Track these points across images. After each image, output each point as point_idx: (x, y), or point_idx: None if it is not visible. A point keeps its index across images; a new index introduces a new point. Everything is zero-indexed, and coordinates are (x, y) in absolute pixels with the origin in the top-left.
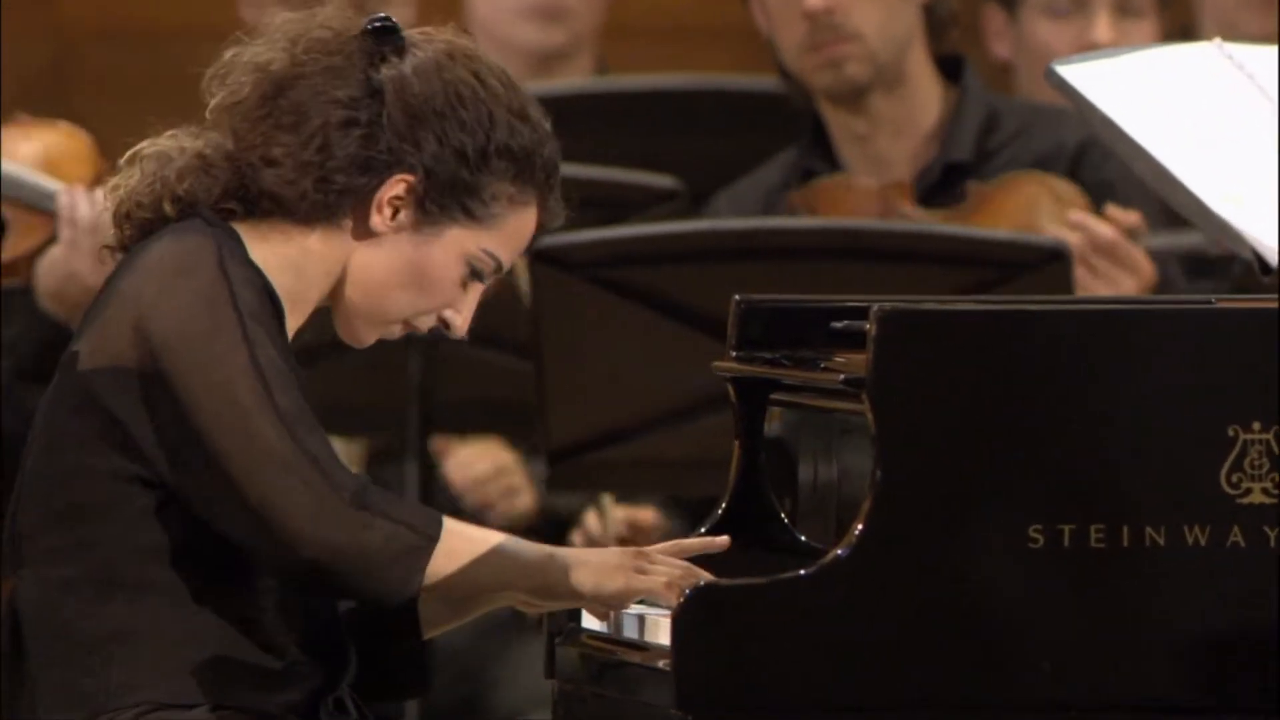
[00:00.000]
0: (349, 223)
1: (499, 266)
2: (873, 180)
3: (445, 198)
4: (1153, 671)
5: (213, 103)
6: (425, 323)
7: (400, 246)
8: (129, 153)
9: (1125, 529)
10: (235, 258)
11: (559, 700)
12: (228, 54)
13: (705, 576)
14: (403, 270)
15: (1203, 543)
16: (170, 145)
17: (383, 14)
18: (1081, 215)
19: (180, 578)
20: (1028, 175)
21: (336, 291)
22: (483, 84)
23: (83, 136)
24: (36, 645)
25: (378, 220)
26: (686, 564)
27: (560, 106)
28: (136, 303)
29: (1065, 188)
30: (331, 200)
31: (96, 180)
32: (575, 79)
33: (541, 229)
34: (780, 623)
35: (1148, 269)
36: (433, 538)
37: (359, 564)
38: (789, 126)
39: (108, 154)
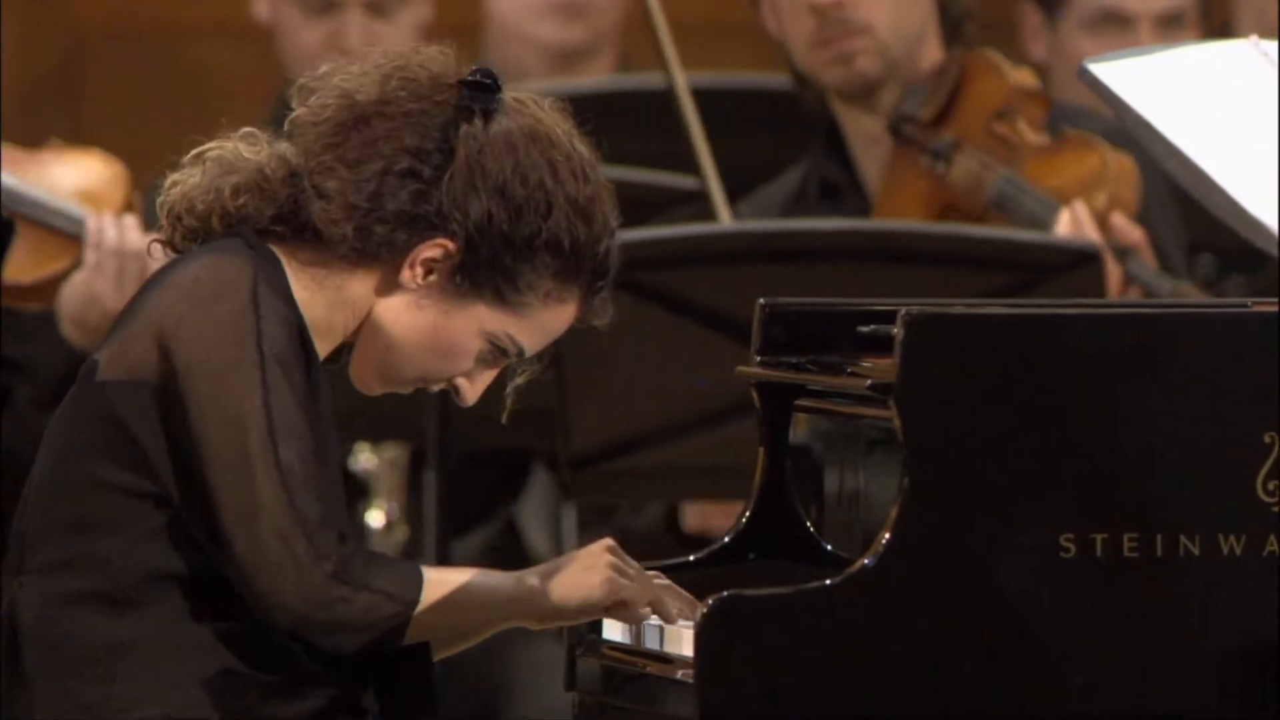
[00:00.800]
0: (380, 271)
1: (521, 353)
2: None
3: (479, 274)
4: (1188, 684)
5: (294, 113)
6: (436, 386)
7: (424, 308)
8: (194, 151)
9: (1159, 538)
10: (271, 288)
11: (579, 713)
12: (323, 67)
13: (686, 597)
14: (422, 331)
15: (1238, 552)
16: (234, 151)
17: (486, 68)
18: (1080, 208)
19: (189, 593)
20: (1093, 139)
21: (357, 333)
22: (554, 173)
23: (117, 164)
24: (35, 655)
25: (408, 276)
26: (666, 582)
27: (581, 105)
28: (163, 319)
29: (1125, 163)
30: (369, 249)
31: (126, 207)
32: (596, 76)
33: (581, 324)
34: (806, 634)
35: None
36: (411, 603)
37: (331, 633)
38: (813, 126)
39: (118, 152)
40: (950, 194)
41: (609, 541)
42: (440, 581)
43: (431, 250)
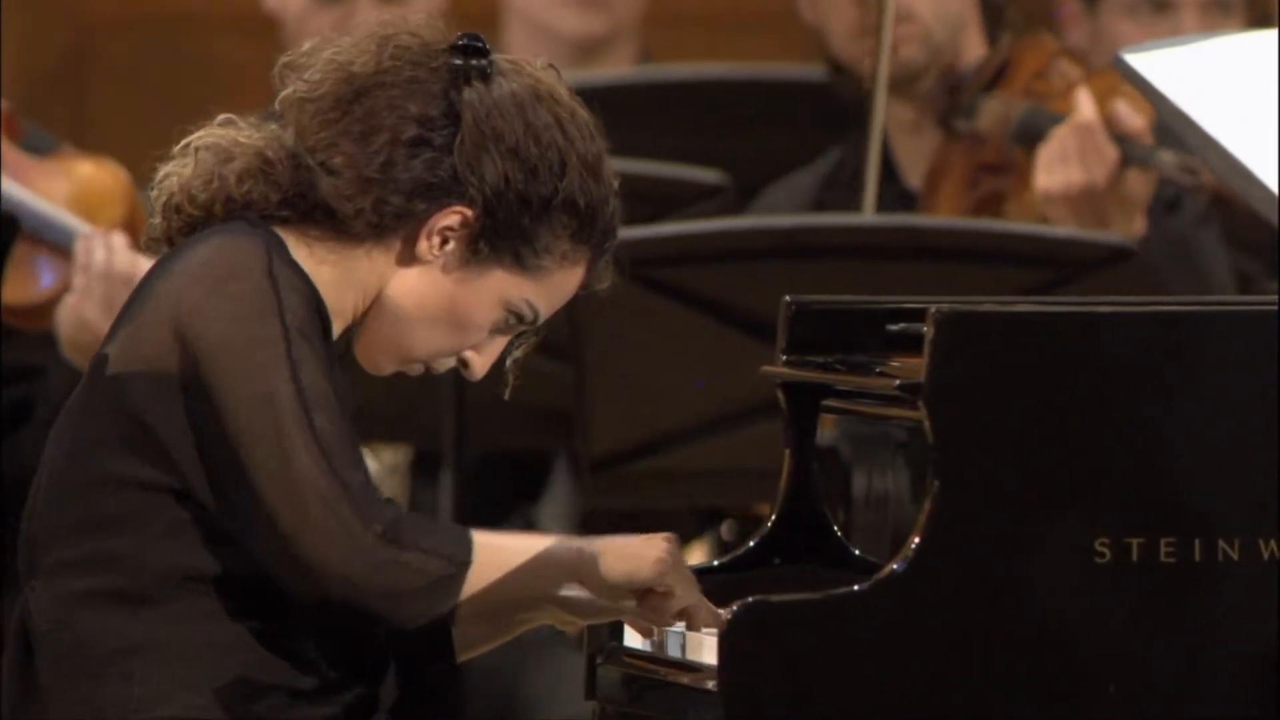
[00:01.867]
0: (395, 244)
1: (536, 319)
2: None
3: (499, 239)
4: (1226, 693)
5: (284, 93)
6: (445, 364)
7: (439, 279)
8: (183, 142)
9: (1197, 542)
10: (285, 263)
11: None
12: (307, 44)
13: (716, 613)
14: (437, 304)
15: (1279, 556)
16: (225, 137)
17: (474, 33)
18: (1083, 93)
19: (209, 592)
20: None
21: (365, 314)
22: (563, 131)
23: (122, 175)
24: (49, 657)
25: (424, 247)
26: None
27: (601, 97)
28: (177, 306)
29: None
30: (385, 222)
31: (129, 219)
32: (616, 68)
33: (584, 289)
34: (833, 640)
35: (1103, 171)
36: (465, 563)
37: (386, 599)
38: (840, 118)
39: (123, 144)
40: (979, 150)
41: (671, 535)
42: (493, 544)
43: (448, 218)
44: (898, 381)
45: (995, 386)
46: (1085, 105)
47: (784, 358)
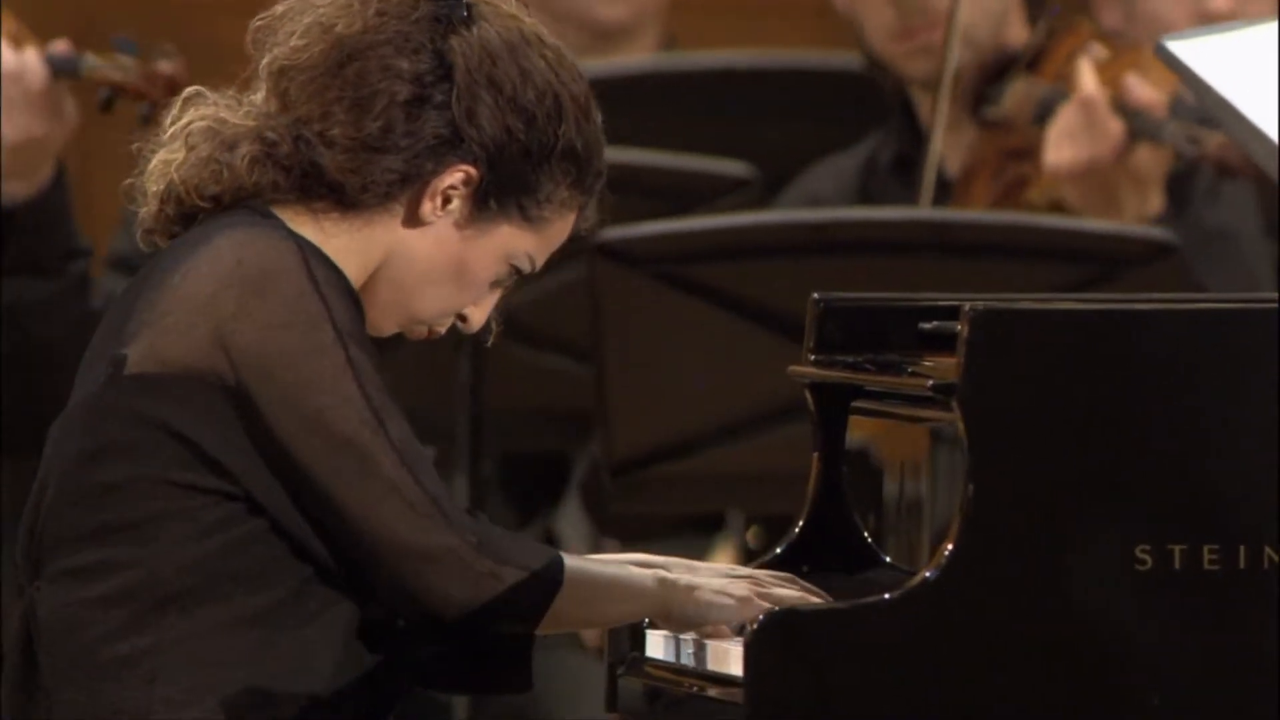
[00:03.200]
0: (398, 208)
1: (533, 269)
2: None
3: (504, 194)
4: (1272, 706)
5: (265, 60)
6: (445, 323)
7: (445, 239)
8: (174, 129)
9: (1242, 549)
10: (319, 260)
11: None
12: (279, 8)
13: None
14: (443, 264)
15: None
16: (214, 118)
17: None
18: (1085, 67)
19: (237, 594)
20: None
21: (370, 279)
22: (555, 74)
23: None
24: (55, 662)
25: (428, 208)
26: (805, 585)
27: (623, 87)
28: (212, 310)
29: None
30: (390, 190)
31: (11, 38)
32: (639, 56)
33: (574, 232)
34: (863, 651)
35: (1107, 146)
36: (558, 582)
37: (481, 615)
38: (870, 108)
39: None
40: (1007, 136)
41: (755, 574)
42: (581, 570)
43: (451, 177)
44: (930, 382)
45: (1032, 387)
46: (1086, 79)
47: (812, 357)
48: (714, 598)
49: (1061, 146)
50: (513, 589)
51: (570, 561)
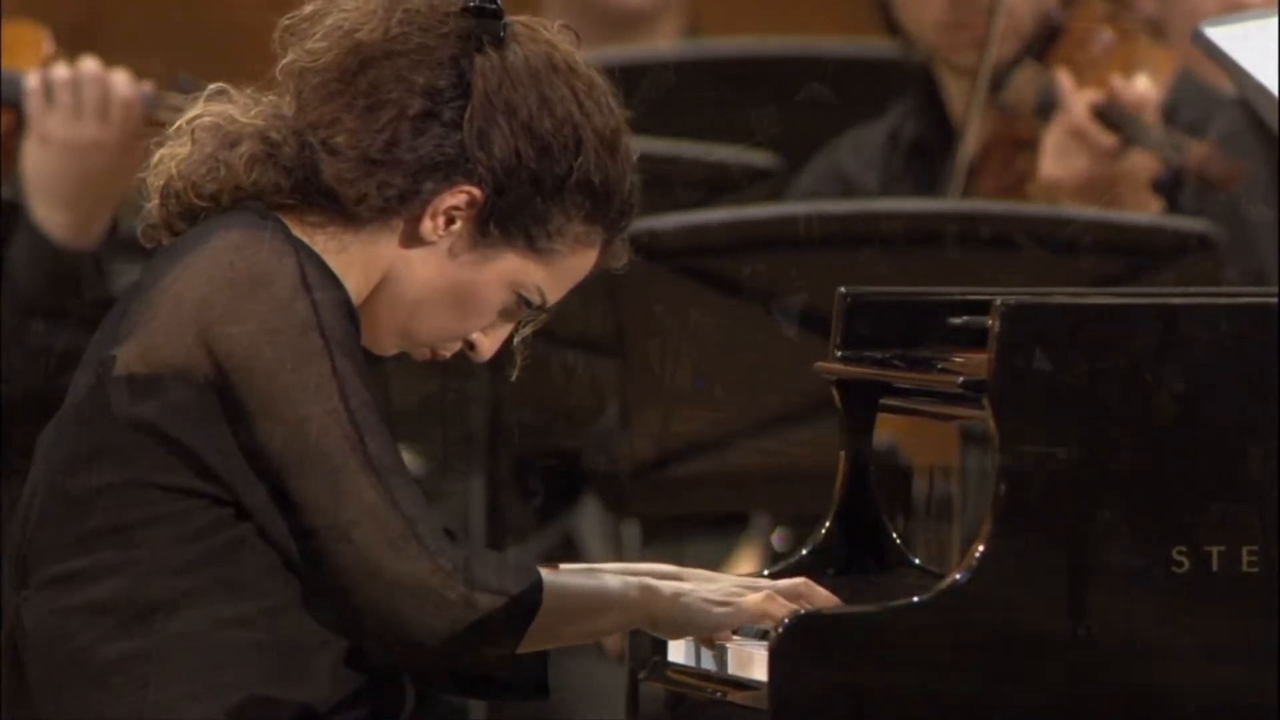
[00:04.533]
0: (399, 225)
1: (544, 304)
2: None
3: (509, 221)
4: None
5: (283, 62)
6: (451, 348)
7: (445, 262)
8: (178, 123)
9: None
10: (314, 264)
11: None
12: (308, 8)
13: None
14: (443, 288)
15: None
16: (223, 115)
17: None
18: (1066, 83)
19: (228, 598)
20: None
21: (370, 295)
22: (580, 105)
23: (36, 25)
24: (45, 667)
25: (429, 228)
26: (825, 593)
27: (644, 74)
28: (202, 312)
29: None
30: (389, 205)
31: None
32: (662, 43)
33: (598, 269)
34: (891, 654)
35: (1099, 160)
36: (535, 604)
37: (454, 643)
38: (897, 95)
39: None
40: (1009, 121)
41: (770, 590)
42: (562, 586)
43: (455, 197)
44: (961, 378)
45: (1064, 384)
46: (1071, 100)
47: (839, 354)
48: (698, 604)
49: (1056, 162)
50: (488, 616)
51: (550, 579)
